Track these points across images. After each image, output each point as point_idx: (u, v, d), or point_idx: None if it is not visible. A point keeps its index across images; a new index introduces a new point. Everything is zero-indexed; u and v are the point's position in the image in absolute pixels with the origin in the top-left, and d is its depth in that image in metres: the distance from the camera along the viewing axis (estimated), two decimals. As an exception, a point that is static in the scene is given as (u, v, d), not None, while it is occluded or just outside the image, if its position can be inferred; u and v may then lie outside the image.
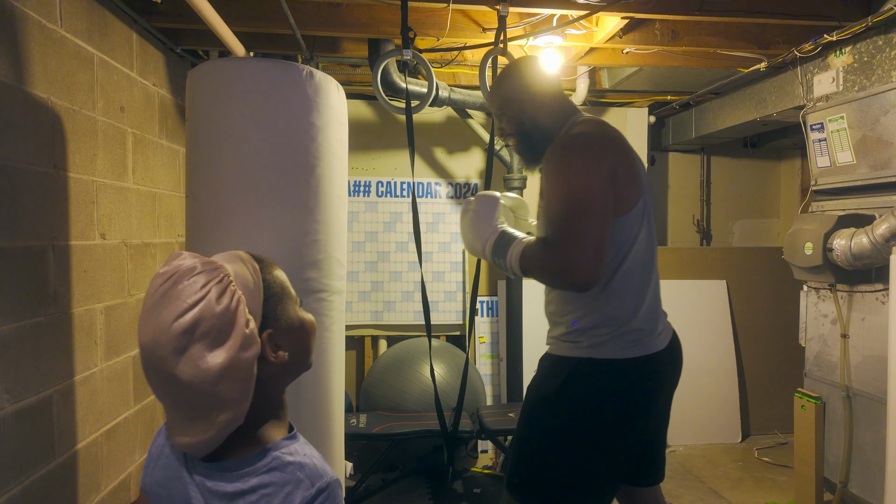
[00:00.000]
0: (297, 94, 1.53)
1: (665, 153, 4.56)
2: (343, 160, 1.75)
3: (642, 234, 1.39)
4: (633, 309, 1.39)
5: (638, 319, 1.39)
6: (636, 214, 1.37)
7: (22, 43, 1.67)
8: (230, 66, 1.57)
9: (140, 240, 2.41)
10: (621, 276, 1.38)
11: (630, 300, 1.40)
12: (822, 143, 2.78)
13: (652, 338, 1.42)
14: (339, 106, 1.67)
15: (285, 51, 2.95)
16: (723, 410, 3.74)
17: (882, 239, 2.29)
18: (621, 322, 1.38)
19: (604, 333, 1.38)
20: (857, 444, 2.59)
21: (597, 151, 1.32)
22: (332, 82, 1.63)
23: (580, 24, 2.66)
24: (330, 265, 1.65)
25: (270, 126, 1.52)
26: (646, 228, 1.41)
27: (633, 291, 1.40)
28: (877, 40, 2.46)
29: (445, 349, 3.43)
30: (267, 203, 1.52)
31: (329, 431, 1.70)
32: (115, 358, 2.18)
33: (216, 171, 1.54)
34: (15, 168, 1.63)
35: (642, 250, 1.41)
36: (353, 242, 3.72)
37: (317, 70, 1.57)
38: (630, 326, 1.39)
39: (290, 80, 1.52)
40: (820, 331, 2.82)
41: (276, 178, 1.53)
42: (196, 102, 1.58)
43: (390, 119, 3.82)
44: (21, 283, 1.65)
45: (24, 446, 1.65)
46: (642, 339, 1.40)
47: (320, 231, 1.61)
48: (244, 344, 0.72)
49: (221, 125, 1.52)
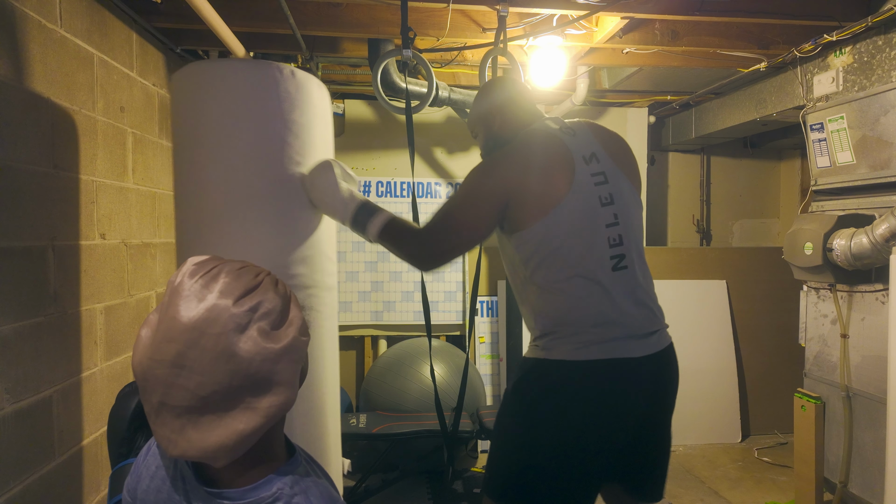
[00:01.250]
0: (277, 93, 1.52)
1: (665, 153, 4.56)
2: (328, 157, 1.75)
3: (580, 239, 1.38)
4: (590, 311, 1.36)
5: (598, 321, 1.36)
6: (557, 220, 1.37)
7: (22, 43, 1.66)
8: (208, 68, 1.57)
9: (140, 240, 2.41)
10: (567, 278, 1.37)
11: (585, 302, 1.37)
12: (821, 143, 2.78)
13: (619, 342, 1.36)
14: (322, 103, 1.66)
15: (285, 51, 2.95)
16: (723, 410, 3.74)
17: (882, 239, 2.29)
18: (575, 324, 1.37)
19: (559, 335, 1.37)
20: (857, 444, 2.59)
21: (491, 177, 1.41)
22: (314, 80, 1.62)
23: (580, 25, 2.66)
24: (319, 261, 1.65)
25: (252, 126, 1.51)
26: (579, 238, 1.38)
27: (585, 294, 1.37)
28: (877, 40, 2.46)
29: (445, 349, 3.43)
30: (253, 202, 1.52)
31: (324, 429, 1.70)
32: (114, 358, 2.18)
33: (200, 174, 1.54)
34: (15, 168, 1.63)
35: (579, 258, 1.38)
36: (352, 242, 3.72)
37: (298, 69, 1.57)
38: (587, 328, 1.36)
39: (269, 80, 1.52)
40: (820, 331, 2.82)
41: (260, 178, 1.53)
42: (178, 106, 1.58)
43: (390, 119, 3.82)
44: (21, 283, 1.65)
45: (24, 446, 1.65)
46: (604, 341, 1.35)
47: (308, 227, 1.61)
48: (302, 329, 0.73)
49: (203, 127, 1.52)
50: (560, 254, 1.37)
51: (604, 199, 1.42)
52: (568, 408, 1.35)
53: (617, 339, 1.36)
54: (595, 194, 1.41)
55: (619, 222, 1.43)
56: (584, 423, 1.35)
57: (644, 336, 1.40)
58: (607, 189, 1.43)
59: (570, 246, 1.37)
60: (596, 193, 1.41)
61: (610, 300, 1.38)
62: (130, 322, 2.31)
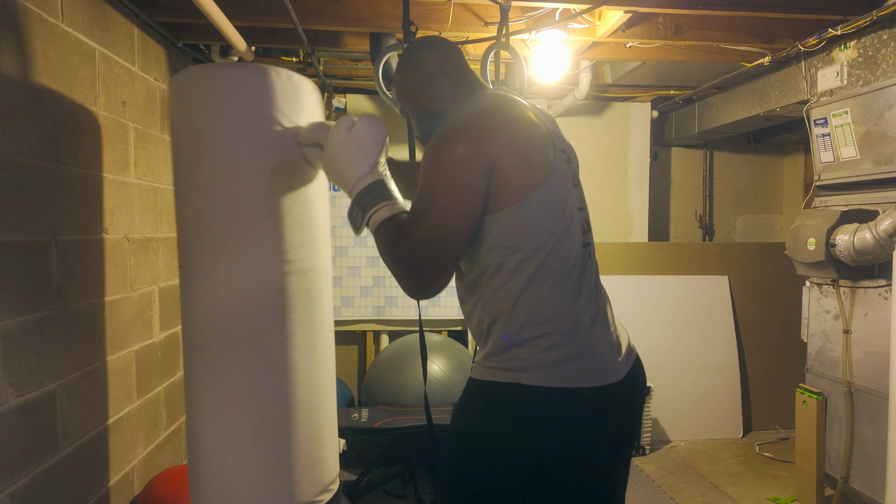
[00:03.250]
0: (273, 95, 1.61)
1: (668, 148, 4.54)
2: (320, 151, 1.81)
3: (559, 226, 1.15)
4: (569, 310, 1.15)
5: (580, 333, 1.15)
6: (542, 201, 1.13)
7: (23, 38, 1.66)
8: (208, 72, 1.67)
9: (142, 234, 2.41)
10: (548, 274, 1.14)
11: (565, 298, 1.15)
12: (825, 138, 2.76)
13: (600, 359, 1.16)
14: (315, 104, 1.76)
15: (286, 45, 2.94)
16: (724, 406, 3.74)
17: (885, 234, 2.29)
18: (553, 330, 1.13)
19: (533, 347, 1.12)
20: (859, 439, 2.59)
21: (470, 140, 1.11)
22: (308, 82, 1.71)
23: (583, 19, 2.64)
24: (316, 244, 1.73)
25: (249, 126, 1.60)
26: (562, 219, 1.17)
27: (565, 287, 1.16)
28: (881, 34, 2.45)
29: (446, 344, 3.43)
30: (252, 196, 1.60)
31: (323, 410, 1.75)
32: (117, 352, 2.19)
33: (201, 171, 1.62)
34: (17, 163, 1.63)
35: (565, 245, 1.16)
36: (354, 238, 3.72)
37: (294, 73, 1.65)
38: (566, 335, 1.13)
39: (265, 83, 1.60)
40: (822, 326, 2.81)
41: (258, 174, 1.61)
42: (178, 107, 1.67)
43: (391, 113, 3.81)
44: (24, 278, 1.65)
45: (28, 440, 1.66)
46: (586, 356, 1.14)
47: (304, 213, 1.68)
48: None
49: (203, 128, 1.61)
50: (541, 240, 1.13)
51: (574, 180, 1.24)
52: (545, 443, 1.12)
53: (599, 354, 1.16)
54: (567, 173, 1.22)
55: (585, 206, 1.28)
56: (563, 456, 1.14)
57: (619, 349, 1.22)
58: (572, 169, 1.26)
59: (552, 230, 1.14)
60: (568, 172, 1.22)
61: (587, 295, 1.19)
62: (133, 317, 2.32)
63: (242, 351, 1.60)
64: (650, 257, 3.84)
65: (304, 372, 1.67)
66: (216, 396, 1.61)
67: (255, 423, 1.61)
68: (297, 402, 1.66)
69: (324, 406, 1.76)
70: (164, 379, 2.62)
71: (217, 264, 1.60)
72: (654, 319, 3.65)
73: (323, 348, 1.77)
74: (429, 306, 3.76)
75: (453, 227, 1.10)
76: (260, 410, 1.61)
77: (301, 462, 1.66)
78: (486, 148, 1.10)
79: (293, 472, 1.65)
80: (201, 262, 1.62)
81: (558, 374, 1.12)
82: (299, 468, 1.66)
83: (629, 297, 3.68)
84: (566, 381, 1.12)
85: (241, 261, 1.59)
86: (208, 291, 1.60)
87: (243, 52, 2.69)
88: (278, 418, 1.63)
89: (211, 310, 1.60)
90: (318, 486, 1.72)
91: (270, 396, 1.62)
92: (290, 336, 1.64)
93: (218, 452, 1.61)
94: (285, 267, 1.62)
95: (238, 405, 1.60)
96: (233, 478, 1.61)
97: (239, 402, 1.60)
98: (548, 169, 1.15)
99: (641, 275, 3.78)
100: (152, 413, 2.50)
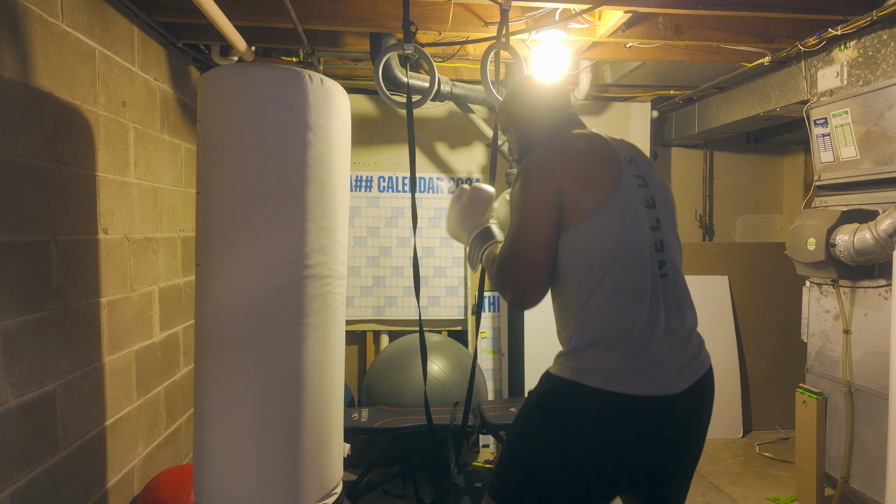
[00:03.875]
0: (307, 100, 1.63)
1: (668, 148, 4.54)
2: (346, 159, 1.90)
3: (620, 244, 1.28)
4: (635, 323, 1.26)
5: (642, 335, 1.26)
6: (602, 222, 1.28)
7: (23, 38, 1.66)
8: (243, 71, 1.67)
9: (142, 234, 2.41)
10: (609, 288, 1.27)
11: (630, 310, 1.27)
12: (825, 138, 2.76)
13: (661, 370, 1.26)
14: (345, 110, 1.80)
15: (286, 45, 2.94)
16: (724, 406, 3.74)
17: (885, 234, 2.29)
18: (617, 339, 1.25)
19: (597, 353, 1.26)
20: (859, 439, 2.59)
21: (539, 175, 1.33)
22: (339, 88, 1.75)
23: (583, 19, 2.64)
24: (335, 250, 1.75)
25: (280, 128, 1.62)
26: (623, 237, 1.29)
27: (631, 301, 1.27)
28: (881, 34, 2.45)
29: (447, 344, 3.43)
30: (276, 197, 1.62)
31: (330, 415, 1.76)
32: (117, 352, 2.19)
33: (228, 170, 1.63)
34: (17, 163, 1.63)
35: (628, 261, 1.29)
36: (354, 238, 3.72)
37: (326, 77, 1.68)
38: (630, 345, 1.25)
39: (300, 87, 1.63)
40: (822, 326, 2.81)
41: (284, 176, 1.63)
42: (208, 105, 1.68)
43: (392, 114, 3.81)
44: (24, 278, 1.65)
45: (29, 440, 1.66)
46: (647, 367, 1.25)
47: (327, 218, 1.70)
48: None
49: (233, 127, 1.62)
50: (607, 256, 1.27)
51: (647, 202, 1.36)
52: (593, 438, 1.25)
53: (659, 364, 1.26)
54: (640, 195, 1.35)
55: (661, 227, 1.37)
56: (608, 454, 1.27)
57: (688, 362, 1.31)
58: (649, 192, 1.38)
59: (612, 247, 1.28)
60: (640, 195, 1.35)
61: (656, 310, 1.29)
62: (133, 316, 2.32)
63: (255, 351, 1.59)
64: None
65: (315, 376, 1.67)
66: (226, 395, 1.61)
67: (263, 424, 1.60)
68: (306, 405, 1.65)
69: (331, 410, 1.76)
70: (164, 379, 2.62)
71: (235, 264, 1.60)
72: (654, 319, 3.65)
73: (334, 353, 1.77)
74: (429, 306, 3.76)
75: (534, 247, 1.31)
76: (269, 412, 1.61)
77: (307, 466, 1.66)
78: (553, 178, 1.31)
79: (299, 476, 1.64)
80: (219, 260, 1.62)
81: (613, 379, 1.25)
82: (305, 472, 1.66)
83: (629, 297, 3.67)
84: (621, 387, 1.24)
85: (259, 262, 1.59)
86: (224, 290, 1.60)
87: (243, 52, 2.68)
88: (287, 421, 1.63)
89: (226, 309, 1.60)
90: (323, 490, 1.72)
91: (280, 398, 1.62)
92: (303, 340, 1.64)
93: (224, 452, 1.61)
94: (304, 271, 1.62)
95: (247, 406, 1.60)
96: (238, 478, 1.60)
97: (248, 402, 1.60)
98: (609, 192, 1.31)
99: (641, 275, 3.78)
100: (152, 413, 2.50)
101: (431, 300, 3.78)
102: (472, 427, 2.87)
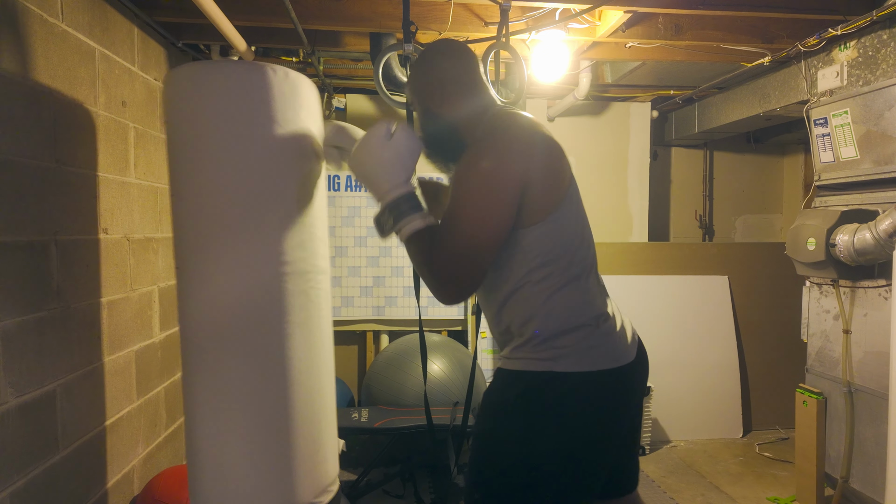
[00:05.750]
0: (271, 94, 1.58)
1: (668, 148, 4.54)
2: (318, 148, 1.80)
3: (578, 234, 1.31)
4: (593, 308, 1.30)
5: (599, 318, 1.30)
6: (566, 212, 1.27)
7: (24, 37, 1.66)
8: (204, 70, 1.65)
9: (142, 234, 2.41)
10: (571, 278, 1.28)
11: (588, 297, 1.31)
12: (825, 138, 2.76)
13: (618, 344, 1.31)
14: (313, 102, 1.73)
15: (286, 45, 2.94)
16: (724, 406, 3.74)
17: (885, 234, 2.29)
18: (582, 325, 1.27)
19: (566, 339, 1.26)
20: (859, 439, 2.59)
21: (508, 163, 1.21)
22: (306, 81, 1.69)
23: (583, 19, 2.64)
24: (314, 245, 1.71)
25: (245, 124, 1.58)
26: (579, 227, 1.32)
27: (589, 290, 1.31)
28: (881, 34, 2.45)
29: (447, 344, 3.43)
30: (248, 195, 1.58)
31: (322, 411, 1.75)
32: (117, 352, 2.19)
33: (197, 170, 1.60)
34: (17, 163, 1.63)
35: (582, 249, 1.32)
36: (354, 238, 3.72)
37: (291, 70, 1.63)
38: (592, 329, 1.28)
39: (262, 80, 1.58)
40: (822, 326, 2.81)
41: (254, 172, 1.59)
42: (173, 105, 1.65)
43: (392, 113, 3.81)
44: (24, 278, 1.65)
45: (29, 440, 1.66)
46: (607, 344, 1.29)
47: (303, 213, 1.67)
48: None
49: (198, 127, 1.58)
50: (569, 249, 1.28)
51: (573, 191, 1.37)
52: (577, 421, 1.26)
53: (616, 338, 1.31)
54: (577, 189, 1.36)
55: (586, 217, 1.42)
56: (593, 435, 1.28)
57: (629, 333, 1.38)
58: (576, 185, 1.38)
59: (576, 240, 1.30)
60: (577, 188, 1.36)
61: (602, 295, 1.36)
62: (133, 317, 2.32)
63: (240, 352, 1.59)
64: (650, 257, 3.84)
65: (303, 373, 1.67)
66: (214, 397, 1.60)
67: (253, 423, 1.60)
68: (295, 402, 1.65)
69: (323, 407, 1.76)
70: (164, 379, 2.62)
71: (213, 265, 1.59)
72: (654, 319, 3.65)
73: (322, 349, 1.76)
74: (429, 306, 3.76)
75: (485, 239, 1.20)
76: (258, 411, 1.60)
77: (301, 463, 1.66)
78: (519, 167, 1.21)
79: (293, 473, 1.64)
80: (197, 263, 1.61)
81: (586, 360, 1.26)
82: (299, 469, 1.65)
83: (629, 297, 3.68)
84: (592, 365, 1.26)
85: (237, 262, 1.58)
86: (204, 292, 1.59)
87: (243, 52, 2.69)
88: (277, 419, 1.62)
89: (207, 310, 1.59)
90: (318, 487, 1.72)
91: (269, 397, 1.62)
92: (287, 337, 1.63)
93: (216, 453, 1.61)
94: (283, 268, 1.61)
95: (236, 406, 1.60)
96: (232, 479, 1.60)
97: (237, 402, 1.60)
98: (567, 183, 1.29)
99: (641, 275, 3.78)
100: (152, 413, 2.50)
101: (431, 300, 3.76)
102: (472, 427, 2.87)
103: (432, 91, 1.36)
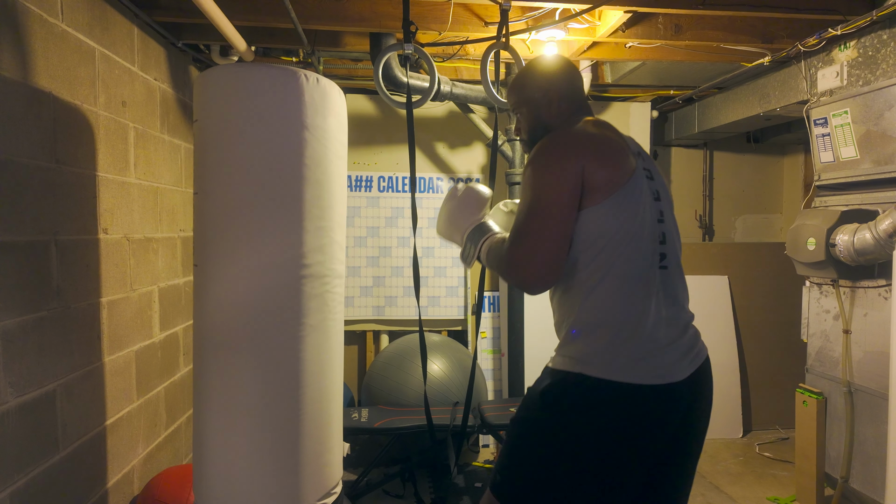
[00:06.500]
0: (303, 99, 1.62)
1: (668, 148, 4.54)
2: (343, 158, 1.89)
3: (630, 230, 1.27)
4: (637, 312, 1.25)
5: (644, 325, 1.25)
6: (619, 204, 1.26)
7: (23, 37, 1.66)
8: (239, 71, 1.66)
9: (142, 234, 2.41)
10: (611, 276, 1.26)
11: (633, 299, 1.25)
12: (825, 137, 2.76)
13: (664, 358, 1.25)
14: (341, 109, 1.79)
15: (286, 45, 2.94)
16: (724, 405, 3.74)
17: (885, 234, 2.29)
18: (620, 327, 1.24)
19: (600, 342, 1.24)
20: (859, 439, 2.59)
21: (562, 151, 1.29)
22: (336, 88, 1.74)
23: (583, 18, 2.64)
24: (333, 250, 1.75)
25: (276, 128, 1.61)
26: (633, 224, 1.28)
27: (634, 290, 1.26)
28: (881, 34, 2.45)
29: (447, 344, 3.43)
30: (274, 197, 1.62)
31: (330, 414, 1.77)
32: (117, 352, 2.19)
33: (224, 170, 1.63)
34: (17, 163, 1.63)
35: (636, 249, 1.28)
36: (354, 238, 3.72)
37: (322, 76, 1.68)
38: (633, 334, 1.24)
39: (296, 86, 1.62)
40: (822, 326, 2.81)
41: (281, 176, 1.63)
42: (205, 105, 1.68)
43: (392, 114, 3.81)
44: (24, 278, 1.65)
45: (29, 440, 1.66)
46: (649, 356, 1.24)
47: (324, 217, 1.70)
48: None
49: (230, 127, 1.62)
50: (619, 239, 1.26)
51: (654, 194, 1.36)
52: (600, 430, 1.24)
53: (662, 353, 1.26)
54: (648, 187, 1.34)
55: (665, 220, 1.37)
56: (615, 446, 1.25)
57: (686, 350, 1.31)
58: (654, 185, 1.38)
59: (623, 233, 1.26)
60: (648, 186, 1.34)
61: (656, 300, 1.29)
62: (132, 316, 2.32)
63: (254, 351, 1.59)
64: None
65: (314, 375, 1.67)
66: (225, 395, 1.61)
67: (262, 424, 1.60)
68: (305, 404, 1.65)
69: (331, 410, 1.76)
70: (164, 379, 2.62)
71: (233, 264, 1.60)
72: (654, 319, 3.65)
73: (333, 353, 1.77)
74: (429, 306, 3.76)
75: (554, 219, 1.24)
76: (268, 412, 1.61)
77: (307, 465, 1.66)
78: (576, 155, 1.27)
79: (299, 475, 1.64)
80: (217, 261, 1.62)
81: (618, 369, 1.23)
82: (305, 471, 1.66)
83: (629, 297, 3.67)
84: (625, 377, 1.22)
85: (258, 262, 1.59)
86: (223, 290, 1.60)
87: (243, 52, 2.68)
88: (286, 420, 1.62)
89: (224, 309, 1.60)
90: (322, 489, 1.72)
91: (279, 398, 1.62)
92: (302, 339, 1.63)
93: (224, 451, 1.61)
94: (302, 271, 1.62)
95: (246, 405, 1.60)
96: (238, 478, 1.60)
97: (247, 402, 1.60)
98: (626, 177, 1.29)
99: (641, 275, 3.78)
100: (152, 413, 2.50)
101: (431, 300, 3.78)
102: (472, 427, 2.87)
103: (548, 104, 1.48)
